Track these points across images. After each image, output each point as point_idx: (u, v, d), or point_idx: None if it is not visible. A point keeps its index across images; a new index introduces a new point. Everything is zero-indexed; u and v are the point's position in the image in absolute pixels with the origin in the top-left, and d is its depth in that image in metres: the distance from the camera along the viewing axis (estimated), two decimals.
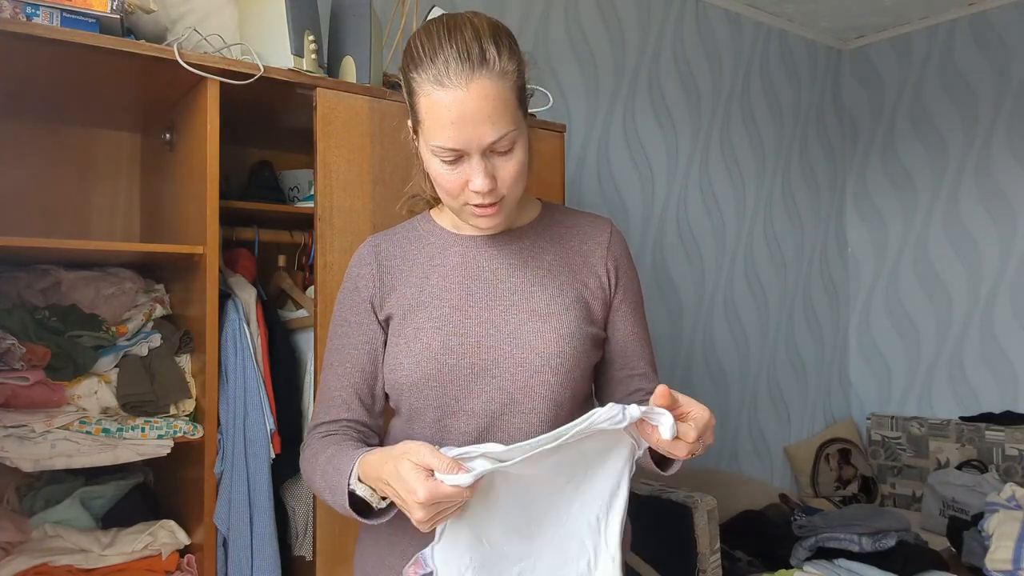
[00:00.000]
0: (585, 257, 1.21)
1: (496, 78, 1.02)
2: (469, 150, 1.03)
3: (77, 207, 1.95)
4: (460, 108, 1.01)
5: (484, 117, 1.01)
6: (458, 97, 1.01)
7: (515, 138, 1.06)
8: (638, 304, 1.26)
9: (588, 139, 3.04)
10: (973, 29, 3.67)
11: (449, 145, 1.03)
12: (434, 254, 1.19)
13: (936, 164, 3.79)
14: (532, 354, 1.11)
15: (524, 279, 1.16)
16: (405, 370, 1.12)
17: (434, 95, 1.02)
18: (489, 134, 1.02)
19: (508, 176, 1.07)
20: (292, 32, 1.66)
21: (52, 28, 1.40)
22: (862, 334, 4.08)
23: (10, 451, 1.43)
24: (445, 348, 1.11)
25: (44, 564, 1.48)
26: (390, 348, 1.15)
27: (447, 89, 1.01)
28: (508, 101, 1.03)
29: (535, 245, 1.20)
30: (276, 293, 1.98)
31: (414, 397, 1.13)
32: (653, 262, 3.25)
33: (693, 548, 2.28)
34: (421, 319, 1.13)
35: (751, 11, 3.64)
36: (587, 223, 1.25)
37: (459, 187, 1.07)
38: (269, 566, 1.60)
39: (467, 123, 1.01)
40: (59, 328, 1.60)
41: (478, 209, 1.09)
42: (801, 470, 3.71)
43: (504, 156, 1.06)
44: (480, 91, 1.01)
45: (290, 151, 2.15)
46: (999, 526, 2.54)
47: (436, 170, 1.08)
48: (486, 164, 1.05)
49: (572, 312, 1.15)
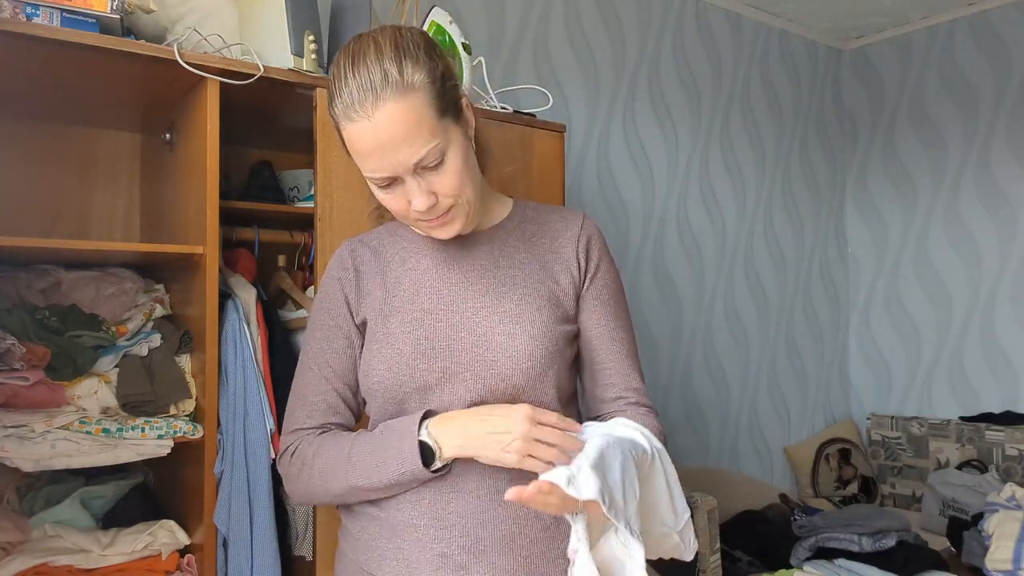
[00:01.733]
0: (556, 253, 1.19)
1: (400, 98, 0.99)
2: (398, 172, 1.03)
3: (77, 207, 1.95)
4: (373, 138, 1.00)
5: (399, 141, 1.00)
6: (367, 128, 1.00)
7: (442, 149, 1.03)
8: (611, 298, 1.20)
9: (588, 139, 3.04)
10: (973, 29, 3.67)
11: (377, 174, 1.03)
12: (406, 258, 1.19)
13: (936, 164, 3.79)
14: (503, 357, 1.09)
15: (495, 280, 1.15)
16: (377, 375, 1.11)
17: (349, 128, 1.02)
18: (410, 156, 1.01)
19: (446, 187, 1.05)
20: (292, 32, 1.66)
21: (52, 28, 1.40)
22: (862, 334, 4.08)
23: (10, 451, 1.42)
24: (417, 353, 1.10)
25: (44, 564, 1.48)
26: (364, 353, 1.15)
27: (356, 122, 1.00)
28: (421, 116, 1.00)
29: (506, 244, 1.19)
30: (276, 293, 1.98)
31: (389, 404, 1.12)
32: (653, 262, 3.25)
33: None
34: (393, 324, 1.13)
35: (751, 11, 3.64)
36: (558, 218, 1.23)
37: (404, 208, 1.07)
38: (269, 566, 1.60)
39: (385, 151, 1.00)
40: (59, 328, 1.60)
41: (427, 224, 1.09)
42: (801, 470, 3.71)
43: (436, 170, 1.04)
44: (387, 117, 0.99)
45: (290, 151, 2.15)
46: (999, 526, 2.54)
47: (378, 195, 1.09)
48: (419, 182, 1.04)
49: (544, 312, 1.13)
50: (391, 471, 1.06)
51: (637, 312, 3.08)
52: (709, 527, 2.29)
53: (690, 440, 3.36)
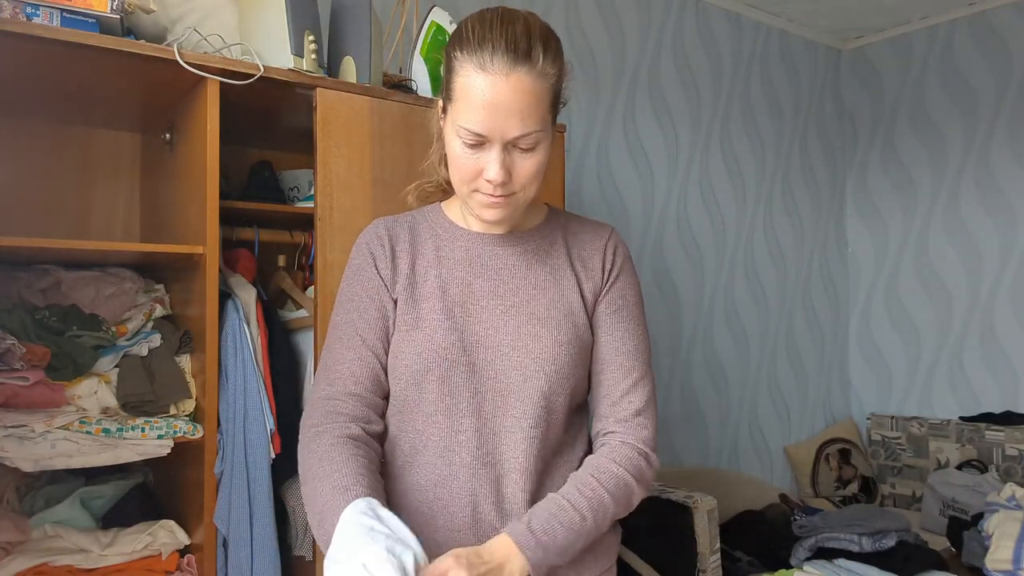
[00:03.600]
0: (584, 263, 1.21)
1: (536, 76, 1.03)
2: (493, 138, 1.04)
3: (77, 207, 1.95)
4: (494, 95, 1.02)
5: (515, 110, 1.02)
6: (495, 84, 1.01)
7: (540, 139, 1.07)
8: (626, 313, 1.20)
9: (588, 139, 3.04)
10: (973, 29, 3.67)
11: (475, 129, 1.04)
12: (440, 245, 1.19)
13: (936, 164, 3.79)
14: (528, 358, 1.11)
15: (527, 282, 1.16)
16: (406, 359, 1.12)
17: (473, 77, 1.03)
18: (516, 128, 1.03)
19: (524, 173, 1.07)
20: (292, 32, 1.66)
21: (52, 28, 1.40)
22: (862, 334, 4.08)
23: (10, 451, 1.43)
24: (446, 342, 1.11)
25: (44, 564, 1.48)
26: (395, 333, 1.15)
27: (487, 74, 1.02)
28: (542, 101, 1.05)
29: (539, 249, 1.20)
30: (276, 293, 1.98)
31: (411, 388, 1.12)
32: (653, 262, 3.25)
33: (693, 548, 2.28)
34: (424, 309, 1.13)
35: (751, 11, 3.64)
36: (590, 230, 1.24)
37: (474, 173, 1.07)
38: (269, 566, 1.60)
39: (498, 111, 1.02)
40: (59, 328, 1.60)
41: (487, 198, 1.08)
42: (801, 470, 3.71)
43: (525, 153, 1.06)
44: (517, 84, 1.02)
45: (290, 151, 2.15)
46: (999, 526, 2.54)
47: (455, 151, 1.08)
48: (505, 156, 1.05)
49: (571, 319, 1.15)
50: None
51: None
52: (709, 527, 2.29)
53: (690, 440, 3.36)
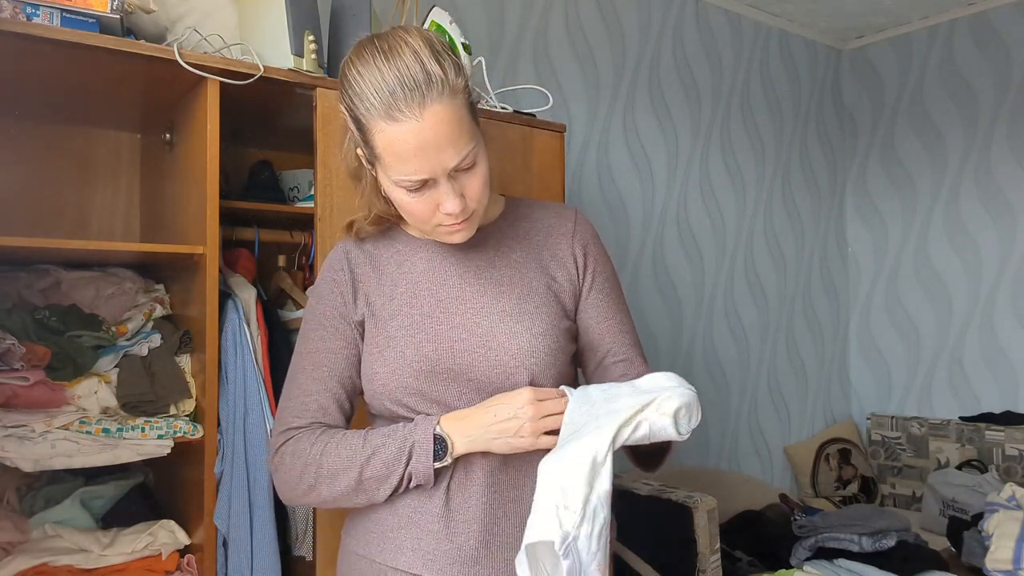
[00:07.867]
0: (552, 250, 1.20)
1: (447, 98, 0.99)
2: (436, 175, 1.02)
3: (77, 207, 1.95)
4: (418, 139, 0.98)
5: (445, 142, 0.99)
6: (414, 129, 0.98)
7: (476, 152, 1.04)
8: (612, 289, 1.23)
9: (588, 139, 3.04)
10: (973, 29, 3.67)
11: (416, 177, 1.01)
12: (402, 261, 1.18)
13: (936, 164, 3.79)
14: (506, 356, 1.10)
15: (492, 280, 1.16)
16: (381, 379, 1.11)
17: (389, 130, 0.99)
18: (452, 157, 1.01)
19: (475, 191, 1.06)
20: (292, 32, 1.66)
21: (52, 28, 1.40)
22: (862, 334, 4.08)
23: (10, 451, 1.42)
24: (419, 356, 1.10)
25: (44, 564, 1.48)
26: (365, 357, 1.15)
27: (401, 123, 0.98)
28: (463, 118, 1.01)
29: (501, 243, 1.19)
30: (276, 293, 1.98)
31: (392, 404, 1.12)
32: (653, 262, 3.25)
33: (693, 548, 2.28)
34: (392, 328, 1.13)
35: (751, 11, 3.64)
36: (552, 215, 1.23)
37: (430, 212, 1.06)
38: (269, 566, 1.60)
39: (428, 151, 0.99)
40: (59, 328, 1.60)
41: (450, 228, 1.08)
42: (801, 470, 3.71)
43: (469, 172, 1.04)
44: (434, 117, 0.98)
45: (290, 151, 2.14)
46: (999, 526, 2.53)
47: (403, 200, 1.06)
48: (453, 185, 1.03)
49: (544, 309, 1.14)
50: (400, 466, 1.07)
51: (637, 312, 3.08)
52: (709, 527, 2.29)
53: (690, 440, 3.33)
